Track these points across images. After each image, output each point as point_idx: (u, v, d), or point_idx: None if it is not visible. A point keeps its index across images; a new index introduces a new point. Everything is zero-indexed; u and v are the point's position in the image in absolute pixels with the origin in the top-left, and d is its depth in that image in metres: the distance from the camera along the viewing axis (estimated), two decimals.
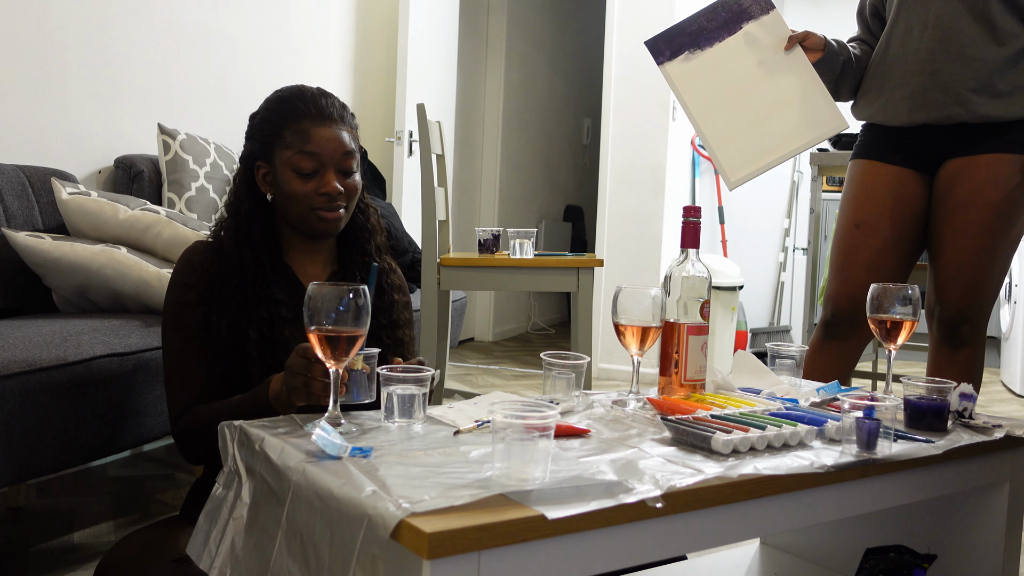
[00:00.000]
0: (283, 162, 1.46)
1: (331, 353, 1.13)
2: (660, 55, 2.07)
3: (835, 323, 2.14)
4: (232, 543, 1.10)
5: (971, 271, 1.99)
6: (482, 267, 2.80)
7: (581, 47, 6.70)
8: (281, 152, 1.47)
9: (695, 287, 1.44)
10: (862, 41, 2.23)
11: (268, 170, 1.50)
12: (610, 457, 1.08)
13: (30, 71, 2.58)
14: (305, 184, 1.46)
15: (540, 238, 6.06)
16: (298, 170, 1.45)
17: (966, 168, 2.01)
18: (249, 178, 1.53)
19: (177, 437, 1.46)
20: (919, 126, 2.06)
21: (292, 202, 1.47)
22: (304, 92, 1.49)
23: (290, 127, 1.46)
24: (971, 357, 2.03)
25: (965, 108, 1.99)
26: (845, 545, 1.65)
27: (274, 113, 1.49)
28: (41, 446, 1.67)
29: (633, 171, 4.43)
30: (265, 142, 1.49)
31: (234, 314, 1.44)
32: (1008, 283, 4.75)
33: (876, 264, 2.10)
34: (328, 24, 3.91)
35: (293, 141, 1.45)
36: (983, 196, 1.98)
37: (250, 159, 1.52)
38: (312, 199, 1.46)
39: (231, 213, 1.54)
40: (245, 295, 1.45)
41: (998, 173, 1.97)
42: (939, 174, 2.08)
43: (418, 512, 0.86)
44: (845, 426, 1.18)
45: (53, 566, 1.95)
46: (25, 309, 2.26)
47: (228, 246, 1.49)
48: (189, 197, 2.70)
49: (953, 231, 2.02)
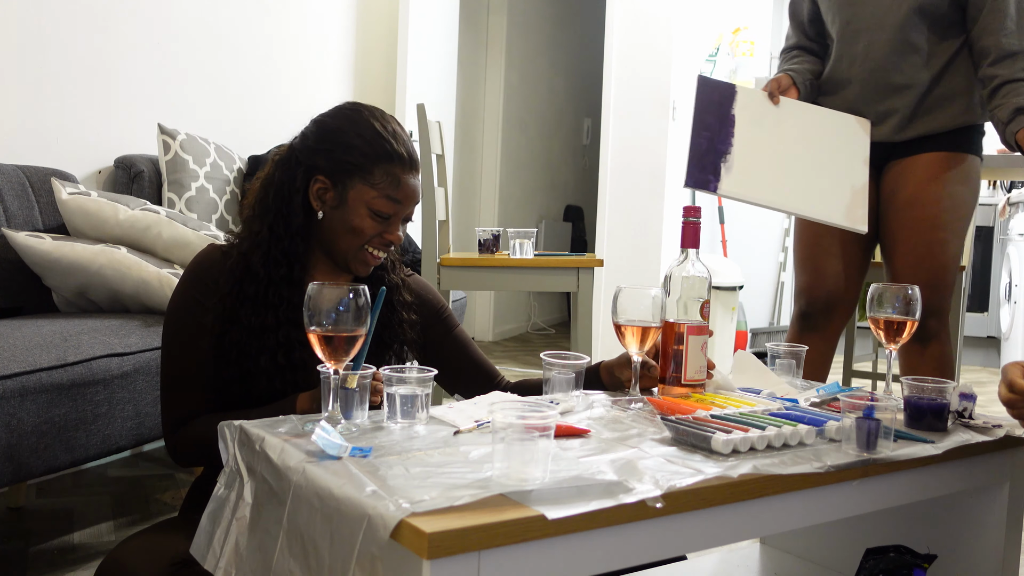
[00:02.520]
0: (361, 197, 1.40)
1: (331, 353, 1.13)
2: (708, 185, 2.03)
3: (811, 314, 2.22)
4: (236, 543, 1.10)
5: (928, 265, 2.07)
6: (482, 267, 2.80)
7: (581, 47, 6.70)
8: (364, 188, 1.40)
9: (695, 287, 1.44)
10: (802, 50, 2.30)
11: (329, 190, 1.41)
12: (610, 457, 1.08)
13: (30, 71, 2.58)
14: (375, 226, 1.41)
15: (540, 238, 6.06)
16: (377, 212, 1.40)
17: (909, 167, 2.12)
18: (304, 189, 1.42)
19: (175, 444, 1.43)
20: None
21: (351, 236, 1.41)
22: (400, 134, 1.43)
23: (382, 167, 1.40)
24: (941, 350, 2.09)
25: (901, 132, 2.12)
26: (845, 545, 1.65)
27: (369, 144, 1.40)
28: (41, 446, 1.67)
29: (633, 171, 4.43)
30: (344, 167, 1.40)
31: (247, 340, 1.39)
32: (1008, 283, 4.75)
33: (840, 252, 2.19)
34: (328, 24, 3.91)
35: (382, 183, 1.40)
36: (928, 193, 2.08)
37: (311, 171, 1.42)
38: (371, 240, 1.42)
39: (273, 224, 1.41)
40: (263, 321, 1.39)
41: (936, 171, 2.09)
42: (884, 174, 2.18)
43: (418, 512, 0.86)
44: (845, 426, 1.18)
45: (53, 566, 1.95)
46: (25, 309, 2.26)
47: (257, 267, 1.40)
48: (189, 197, 2.70)
49: (906, 228, 2.11)
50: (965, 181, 2.10)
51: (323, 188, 1.42)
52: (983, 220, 5.20)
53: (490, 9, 5.71)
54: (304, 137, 1.45)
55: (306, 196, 1.42)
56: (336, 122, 1.44)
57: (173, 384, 1.43)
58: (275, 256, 1.41)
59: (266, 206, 1.43)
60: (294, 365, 1.42)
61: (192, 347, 1.41)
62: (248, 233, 1.44)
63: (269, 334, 1.40)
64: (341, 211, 1.41)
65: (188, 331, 1.41)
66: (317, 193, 1.42)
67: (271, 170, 1.46)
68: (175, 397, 1.42)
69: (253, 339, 1.39)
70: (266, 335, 1.40)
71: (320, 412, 1.21)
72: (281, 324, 1.40)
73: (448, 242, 2.98)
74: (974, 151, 2.13)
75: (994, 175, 3.68)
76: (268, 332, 1.40)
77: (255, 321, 1.39)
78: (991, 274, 5.23)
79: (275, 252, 1.41)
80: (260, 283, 1.40)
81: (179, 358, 1.42)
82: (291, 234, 1.41)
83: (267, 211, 1.43)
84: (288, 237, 1.41)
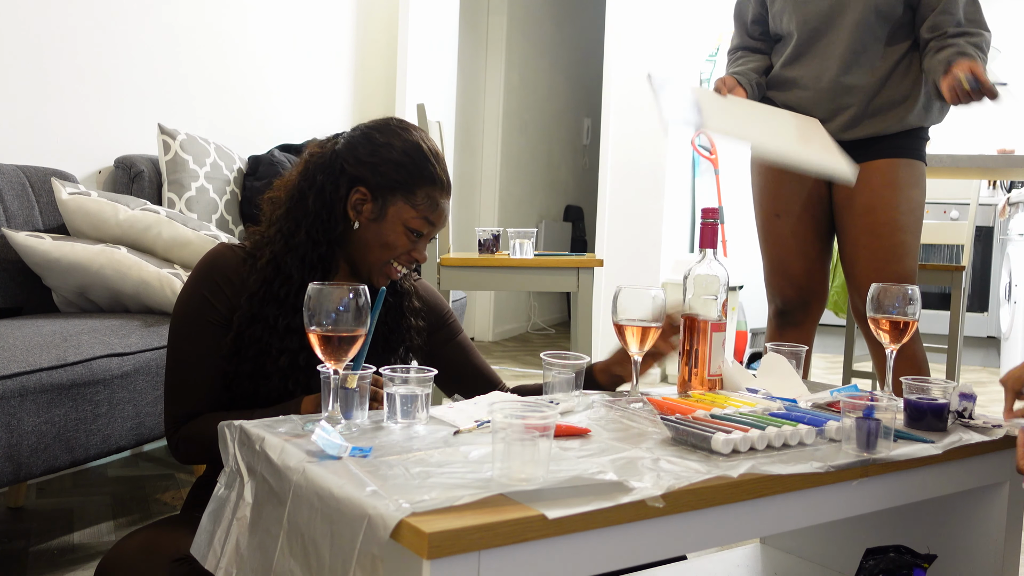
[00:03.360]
0: (400, 215, 1.42)
1: (331, 353, 1.13)
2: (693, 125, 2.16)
3: (788, 311, 2.29)
4: (237, 543, 1.10)
5: (893, 269, 2.10)
6: (482, 267, 2.80)
7: (581, 47, 6.70)
8: (404, 206, 1.42)
9: (708, 285, 1.46)
10: (747, 51, 2.33)
11: (368, 202, 1.42)
12: (610, 457, 1.08)
13: (30, 71, 2.58)
14: (407, 244, 1.43)
15: (540, 238, 6.06)
16: (412, 231, 1.43)
17: (863, 174, 2.13)
18: (346, 197, 1.43)
19: (177, 442, 1.43)
20: None
21: (382, 249, 1.43)
22: (441, 157, 1.46)
23: (425, 189, 1.42)
24: (913, 348, 2.09)
25: (849, 131, 2.14)
26: (845, 545, 1.65)
27: (416, 166, 1.43)
28: (41, 446, 1.67)
29: (633, 171, 4.43)
30: (389, 183, 1.42)
31: (268, 339, 1.40)
32: (1008, 283, 4.75)
33: (805, 249, 2.25)
34: (328, 24, 3.91)
35: (422, 204, 1.42)
36: (883, 199, 2.12)
37: (354, 181, 1.42)
38: (401, 256, 1.45)
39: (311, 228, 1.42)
40: (289, 323, 1.40)
41: (891, 176, 2.12)
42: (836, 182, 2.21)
43: (418, 512, 0.86)
44: (845, 426, 1.18)
45: (53, 566, 1.95)
46: (25, 309, 2.26)
47: (291, 268, 1.41)
48: (189, 197, 2.70)
49: (867, 234, 2.14)
50: (917, 185, 2.15)
51: (362, 199, 1.42)
52: (983, 220, 5.20)
53: (490, 9, 5.71)
54: (352, 147, 1.44)
55: (345, 204, 1.43)
56: (385, 137, 1.44)
57: (177, 381, 1.43)
58: (312, 260, 1.41)
59: (304, 209, 1.42)
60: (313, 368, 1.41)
61: (199, 345, 1.41)
62: (281, 234, 1.43)
63: (294, 336, 1.40)
64: (378, 224, 1.43)
65: (195, 328, 1.41)
66: (355, 203, 1.43)
67: (310, 172, 1.45)
68: (179, 394, 1.43)
69: (276, 338, 1.40)
70: (290, 336, 1.40)
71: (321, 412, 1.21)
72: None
73: (448, 242, 2.98)
74: (920, 156, 2.17)
75: (994, 175, 3.68)
76: (293, 334, 1.40)
77: (282, 322, 1.40)
78: (991, 274, 5.23)
79: (312, 256, 1.41)
80: (293, 285, 1.40)
81: (185, 355, 1.42)
82: (329, 240, 1.42)
83: (306, 214, 1.42)
84: (326, 243, 1.42)
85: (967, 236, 3.39)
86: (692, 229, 4.84)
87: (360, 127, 1.48)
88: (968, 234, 3.39)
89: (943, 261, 4.96)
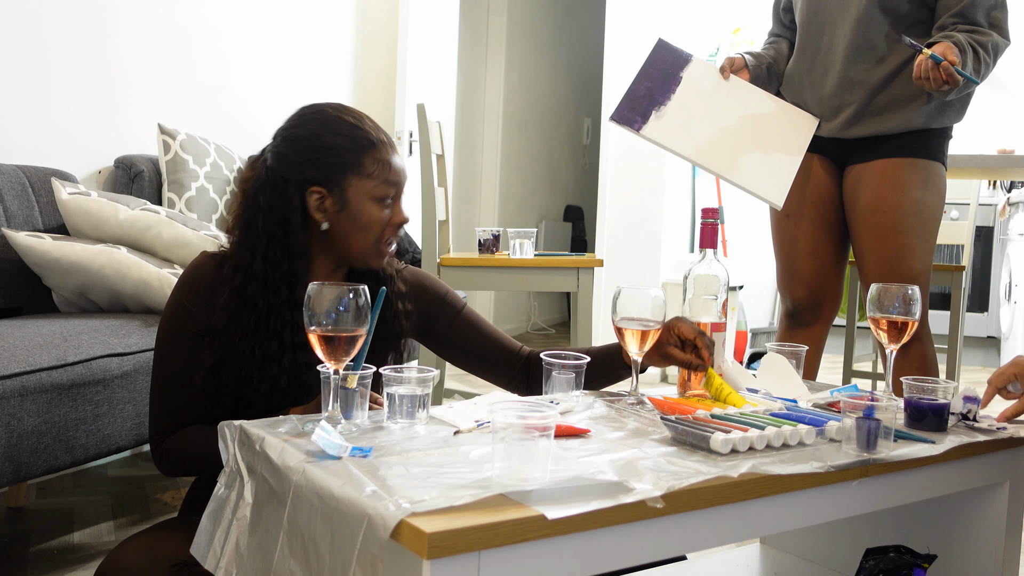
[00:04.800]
0: (362, 192, 1.39)
1: (331, 353, 1.13)
2: (633, 123, 2.06)
3: (798, 312, 2.27)
4: (237, 543, 1.10)
5: (899, 271, 2.08)
6: (482, 267, 2.80)
7: (581, 47, 6.70)
8: (360, 182, 1.38)
9: (707, 285, 1.46)
10: (778, 37, 2.34)
11: (327, 197, 1.39)
12: (610, 457, 1.08)
13: (30, 71, 2.58)
14: (383, 215, 1.41)
15: (540, 238, 6.06)
16: (381, 199, 1.40)
17: (864, 175, 2.14)
18: (303, 206, 1.39)
19: (161, 453, 1.42)
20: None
21: (364, 232, 1.40)
22: (368, 120, 1.43)
23: (369, 155, 1.39)
24: (922, 351, 2.09)
25: (849, 128, 2.13)
26: (845, 545, 1.65)
27: (349, 139, 1.39)
28: (41, 446, 1.67)
29: (633, 171, 4.43)
30: (335, 169, 1.38)
31: (248, 372, 1.37)
32: (1008, 283, 4.75)
33: (815, 250, 2.23)
34: (328, 24, 3.91)
35: (375, 171, 1.39)
36: (885, 200, 2.10)
37: (304, 184, 1.38)
38: (386, 229, 1.42)
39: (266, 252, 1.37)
40: (266, 352, 1.37)
41: (894, 177, 2.10)
42: (844, 179, 2.20)
43: (418, 512, 0.86)
44: (845, 426, 1.18)
45: (53, 566, 1.95)
46: (25, 309, 2.26)
47: (254, 297, 1.36)
48: (189, 197, 2.70)
49: (870, 237, 2.13)
50: (925, 186, 2.09)
51: (321, 198, 1.39)
52: (983, 220, 5.20)
53: (490, 9, 5.71)
54: (281, 155, 1.40)
55: (304, 212, 1.40)
56: (307, 129, 1.41)
57: (162, 392, 1.41)
58: (273, 283, 1.37)
59: (255, 235, 1.38)
60: (301, 389, 1.40)
61: (181, 355, 1.40)
62: (238, 268, 1.39)
63: (272, 362, 1.37)
64: (346, 213, 1.40)
65: (178, 339, 1.40)
66: (316, 205, 1.39)
67: (250, 197, 1.40)
68: (163, 405, 1.41)
69: (255, 369, 1.37)
70: (268, 363, 1.37)
71: (319, 412, 1.21)
72: (286, 350, 1.38)
73: (448, 242, 2.98)
74: (934, 157, 2.11)
75: (994, 175, 3.68)
76: (271, 360, 1.37)
77: (258, 352, 1.37)
78: (991, 274, 5.23)
79: (273, 279, 1.37)
80: (260, 313, 1.37)
81: (169, 366, 1.41)
82: (290, 256, 1.38)
83: (258, 240, 1.38)
84: (287, 260, 1.38)
85: (967, 236, 3.39)
86: (692, 229, 4.84)
87: (278, 133, 1.44)
88: (968, 234, 3.39)
89: (943, 261, 4.96)
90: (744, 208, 5.49)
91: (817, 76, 2.17)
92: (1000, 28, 2.04)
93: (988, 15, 2.03)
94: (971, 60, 1.95)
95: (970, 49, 1.95)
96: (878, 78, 2.09)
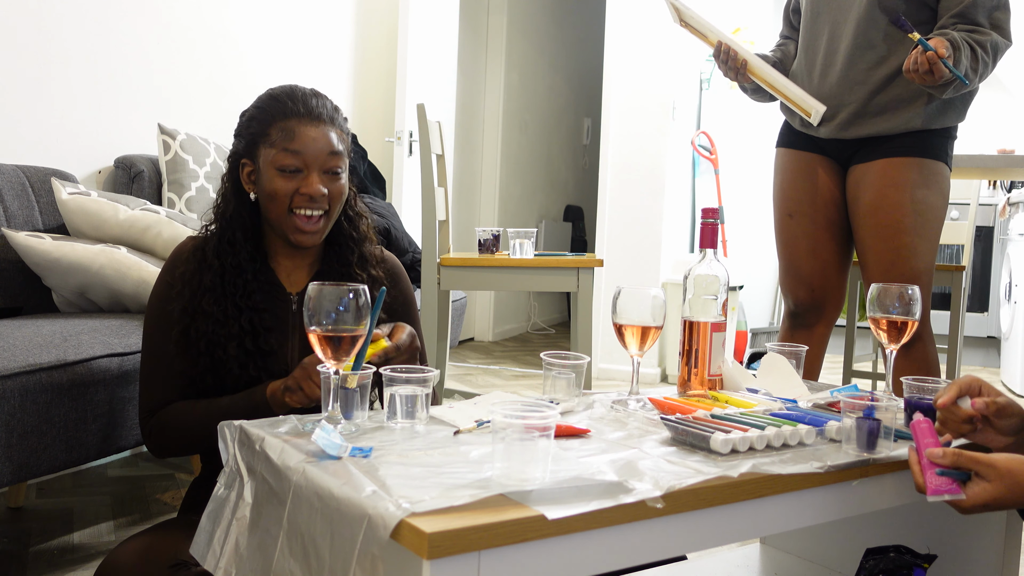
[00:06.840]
0: (267, 160, 1.44)
1: (331, 353, 1.13)
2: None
3: (799, 313, 2.27)
4: (236, 543, 1.10)
5: (900, 271, 2.08)
6: (482, 267, 2.80)
7: (581, 47, 6.70)
8: (267, 151, 1.44)
9: (707, 285, 1.46)
10: (787, 39, 2.36)
11: (252, 168, 1.47)
12: (610, 457, 1.08)
13: (30, 71, 2.58)
14: (287, 183, 1.42)
15: (540, 238, 6.06)
16: (282, 168, 1.42)
17: (866, 174, 2.14)
18: (235, 177, 1.50)
19: (149, 431, 1.47)
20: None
21: (272, 202, 1.44)
22: (295, 91, 1.47)
23: (276, 125, 1.44)
24: (924, 351, 2.09)
25: (847, 129, 2.14)
26: (845, 545, 1.65)
27: (262, 111, 1.46)
28: (41, 446, 1.67)
29: (633, 171, 4.43)
30: (251, 140, 1.46)
31: (213, 329, 1.43)
32: (1008, 283, 4.75)
33: (816, 249, 2.23)
34: (328, 24, 3.91)
35: (278, 139, 1.43)
36: (887, 199, 2.09)
37: (236, 157, 1.50)
38: (293, 199, 1.43)
39: (217, 216, 1.50)
40: (225, 309, 1.43)
41: (895, 177, 2.09)
42: (847, 178, 2.20)
43: (418, 512, 0.86)
44: (845, 426, 1.18)
45: (53, 566, 1.95)
46: (25, 309, 2.26)
47: (211, 258, 1.46)
48: (189, 197, 2.70)
49: (872, 236, 2.13)
50: (927, 185, 2.09)
51: (250, 170, 1.48)
52: (983, 220, 5.20)
53: (490, 9, 5.71)
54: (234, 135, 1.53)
55: (238, 183, 1.49)
56: (248, 108, 1.51)
57: (148, 371, 1.48)
58: (223, 246, 1.47)
59: (216, 204, 1.52)
60: (263, 351, 1.45)
61: (164, 335, 1.46)
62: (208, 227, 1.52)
63: (232, 321, 1.43)
64: (260, 184, 1.46)
65: (162, 319, 1.47)
66: (248, 176, 1.48)
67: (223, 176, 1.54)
68: (150, 384, 1.47)
69: (220, 327, 1.43)
70: (230, 323, 1.43)
71: (319, 410, 1.21)
72: (242, 311, 1.44)
73: (448, 242, 2.97)
74: (937, 156, 2.10)
75: (994, 175, 3.68)
76: (231, 320, 1.44)
77: (217, 310, 1.44)
78: (991, 274, 5.24)
79: (223, 242, 1.47)
80: (215, 272, 1.45)
81: (153, 346, 1.47)
82: (231, 223, 1.47)
83: (216, 207, 1.52)
84: (231, 228, 1.47)
85: (967, 236, 3.39)
86: (692, 229, 4.84)
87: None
88: (968, 234, 3.39)
89: (943, 261, 4.96)
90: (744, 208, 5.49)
91: (818, 76, 2.17)
92: (1001, 29, 2.04)
93: (990, 16, 2.02)
94: (966, 58, 1.94)
95: (966, 46, 1.95)
96: (879, 78, 2.09)
